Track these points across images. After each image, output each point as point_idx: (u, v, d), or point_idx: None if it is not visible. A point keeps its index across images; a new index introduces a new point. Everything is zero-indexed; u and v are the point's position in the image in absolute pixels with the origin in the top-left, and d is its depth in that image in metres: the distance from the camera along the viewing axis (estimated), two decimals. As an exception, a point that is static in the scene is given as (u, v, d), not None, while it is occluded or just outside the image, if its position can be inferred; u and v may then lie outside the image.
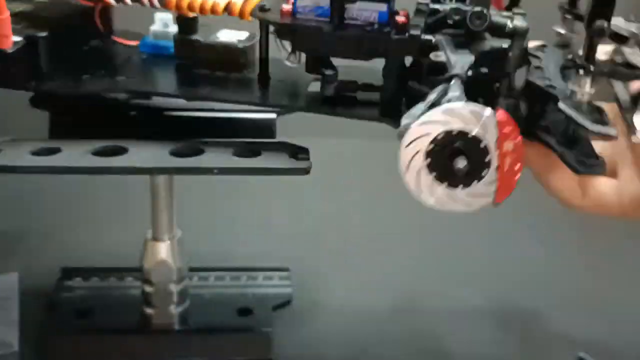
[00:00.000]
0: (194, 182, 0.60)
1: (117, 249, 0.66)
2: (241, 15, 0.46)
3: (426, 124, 0.36)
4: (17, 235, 0.70)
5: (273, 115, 0.54)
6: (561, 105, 0.37)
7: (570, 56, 0.40)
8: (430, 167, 0.37)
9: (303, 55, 0.47)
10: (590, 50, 0.38)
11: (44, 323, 0.58)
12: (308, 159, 0.47)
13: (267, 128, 0.53)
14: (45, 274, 0.63)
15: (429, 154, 0.37)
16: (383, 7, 0.44)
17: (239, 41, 0.50)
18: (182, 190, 0.57)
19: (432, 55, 0.42)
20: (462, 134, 0.36)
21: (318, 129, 0.96)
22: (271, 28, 0.47)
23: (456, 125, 0.36)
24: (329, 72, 0.46)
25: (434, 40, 0.42)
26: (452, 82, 0.38)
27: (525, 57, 0.42)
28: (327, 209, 0.83)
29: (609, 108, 0.39)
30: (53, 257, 0.64)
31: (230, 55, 0.50)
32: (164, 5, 0.47)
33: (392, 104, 0.46)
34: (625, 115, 0.38)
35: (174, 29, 0.51)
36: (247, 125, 0.53)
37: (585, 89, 0.38)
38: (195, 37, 0.50)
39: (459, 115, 0.36)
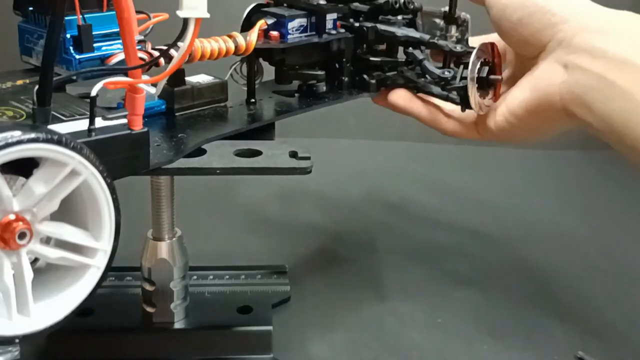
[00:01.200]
0: (194, 182, 0.60)
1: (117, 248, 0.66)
2: (247, 50, 0.53)
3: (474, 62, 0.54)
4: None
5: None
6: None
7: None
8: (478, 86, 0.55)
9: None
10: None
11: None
12: (309, 158, 0.47)
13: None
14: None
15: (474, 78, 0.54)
16: (334, 16, 0.59)
17: (215, 79, 0.56)
18: (182, 190, 0.57)
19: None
20: (485, 61, 0.55)
21: (318, 129, 0.97)
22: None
23: (484, 56, 0.55)
24: (319, 73, 0.59)
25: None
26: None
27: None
28: (326, 209, 0.83)
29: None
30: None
31: (217, 92, 0.55)
32: (192, 59, 0.50)
33: (361, 79, 0.61)
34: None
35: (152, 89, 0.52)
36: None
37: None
38: (189, 85, 0.53)
39: (480, 50, 0.54)
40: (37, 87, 0.38)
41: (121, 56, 0.45)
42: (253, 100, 0.57)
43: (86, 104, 0.43)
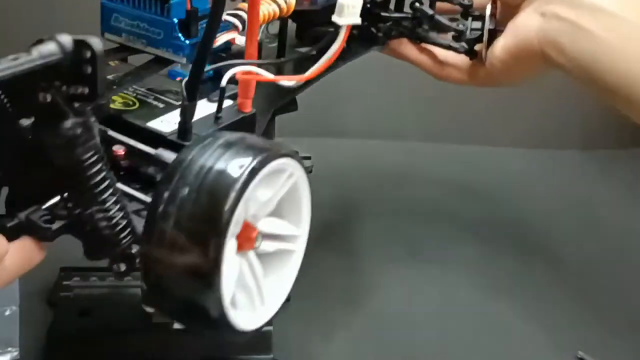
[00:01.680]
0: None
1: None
2: (287, 12, 0.53)
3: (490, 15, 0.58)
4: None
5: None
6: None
7: None
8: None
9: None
10: None
11: (44, 323, 0.58)
12: (309, 158, 0.47)
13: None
14: (45, 273, 0.64)
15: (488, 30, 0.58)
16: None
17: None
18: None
19: None
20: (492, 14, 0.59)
21: (317, 129, 0.97)
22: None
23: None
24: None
25: None
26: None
27: None
28: (326, 209, 0.83)
29: None
30: (53, 257, 0.64)
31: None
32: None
33: (369, 33, 0.63)
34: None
35: None
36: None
37: None
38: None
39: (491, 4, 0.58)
40: (186, 81, 0.38)
41: (224, 38, 0.46)
42: (283, 59, 0.58)
43: (171, 84, 0.45)
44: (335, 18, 0.41)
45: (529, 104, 0.99)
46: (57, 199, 0.36)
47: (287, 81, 0.47)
